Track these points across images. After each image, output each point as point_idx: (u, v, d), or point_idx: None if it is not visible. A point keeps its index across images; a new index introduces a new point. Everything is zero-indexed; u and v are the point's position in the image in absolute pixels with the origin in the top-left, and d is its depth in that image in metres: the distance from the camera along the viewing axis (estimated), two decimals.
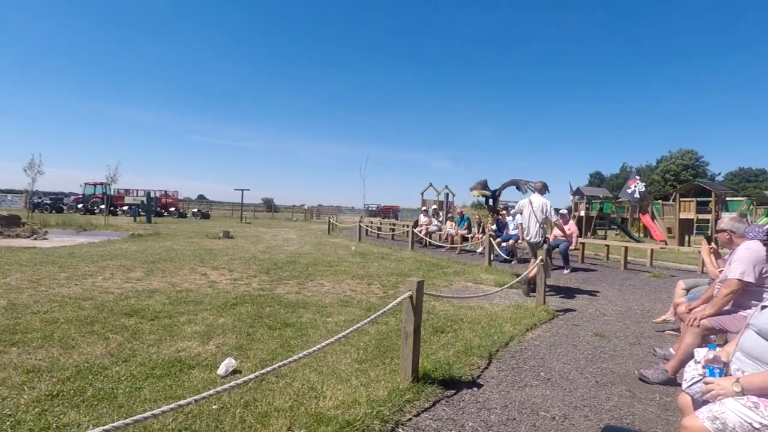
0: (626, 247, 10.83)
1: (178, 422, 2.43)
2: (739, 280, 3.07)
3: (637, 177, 19.43)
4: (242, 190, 30.39)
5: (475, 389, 3.10)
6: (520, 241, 10.60)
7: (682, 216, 19.14)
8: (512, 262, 10.35)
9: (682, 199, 19.49)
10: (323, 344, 2.53)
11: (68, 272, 6.80)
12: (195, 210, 32.97)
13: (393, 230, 17.57)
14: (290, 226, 26.20)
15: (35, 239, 12.20)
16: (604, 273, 9.48)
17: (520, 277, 6.12)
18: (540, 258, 5.81)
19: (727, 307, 3.26)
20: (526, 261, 8.81)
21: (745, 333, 1.99)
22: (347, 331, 2.73)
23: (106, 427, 1.58)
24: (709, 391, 1.84)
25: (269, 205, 49.12)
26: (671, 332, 4.82)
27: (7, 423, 2.36)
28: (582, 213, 22.02)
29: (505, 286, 5.77)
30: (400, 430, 2.50)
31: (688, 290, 4.63)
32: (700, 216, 18.59)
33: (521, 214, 7.11)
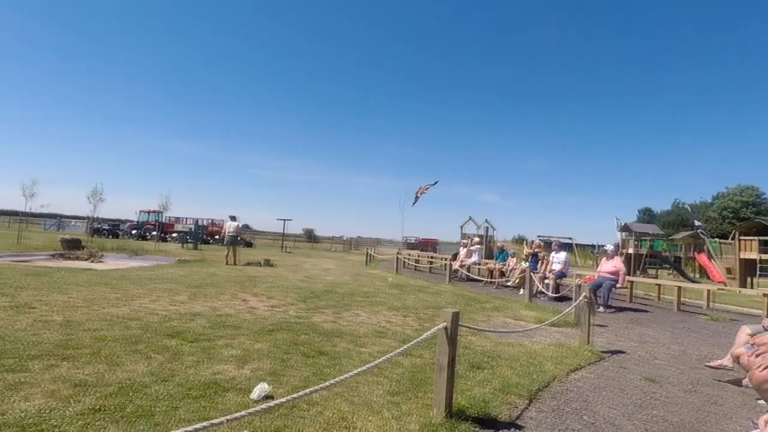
0: (680, 287, 10.16)
1: None
2: None
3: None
4: (284, 220, 31.38)
5: (513, 430, 2.95)
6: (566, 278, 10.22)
7: (744, 255, 17.81)
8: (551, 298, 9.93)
9: (743, 238, 18.20)
10: (355, 372, 2.51)
11: (119, 293, 7.17)
12: (239, 238, 34.16)
13: (431, 263, 17.39)
14: (329, 256, 26.54)
15: (92, 261, 13.02)
16: (656, 314, 8.90)
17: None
18: (584, 294, 5.56)
19: None
20: (569, 299, 8.43)
21: None
22: (380, 360, 2.70)
23: None
24: None
25: (310, 236, 50.14)
26: (729, 382, 4.42)
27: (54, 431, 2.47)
28: (630, 250, 20.98)
29: (546, 322, 5.53)
30: None
31: (753, 336, 4.26)
32: (764, 256, 17.23)
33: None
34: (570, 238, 27.62)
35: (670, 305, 9.90)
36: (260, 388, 3.20)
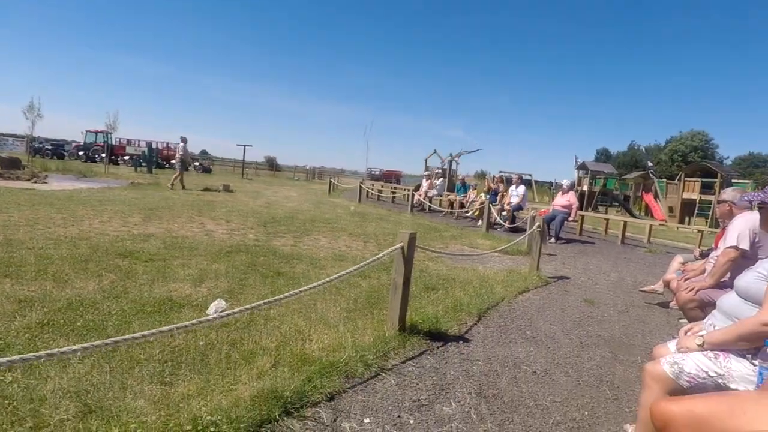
0: (625, 222, 10.80)
1: (164, 354, 2.47)
2: (735, 247, 3.05)
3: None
4: (244, 146, 30.19)
5: (460, 343, 3.14)
6: (522, 211, 10.61)
7: (686, 196, 19.02)
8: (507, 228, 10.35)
9: (687, 179, 19.31)
10: (312, 285, 2.54)
11: (66, 214, 6.81)
12: (197, 164, 32.80)
13: (394, 194, 17.50)
14: (291, 185, 26.14)
15: (35, 182, 12.19)
16: (601, 246, 9.50)
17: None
18: (537, 224, 5.79)
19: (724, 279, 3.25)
20: (523, 231, 8.80)
21: (727, 293, 1.99)
22: (336, 276, 2.73)
23: (92, 343, 1.59)
24: (680, 347, 1.90)
25: (272, 164, 48.74)
26: (658, 305, 4.85)
27: None
28: (585, 188, 21.88)
29: (500, 248, 5.78)
30: (383, 375, 2.54)
31: (684, 264, 4.62)
32: (703, 197, 18.46)
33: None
34: (530, 175, 28.38)
35: (614, 239, 10.56)
36: (216, 305, 3.21)
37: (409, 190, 14.82)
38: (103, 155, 23.41)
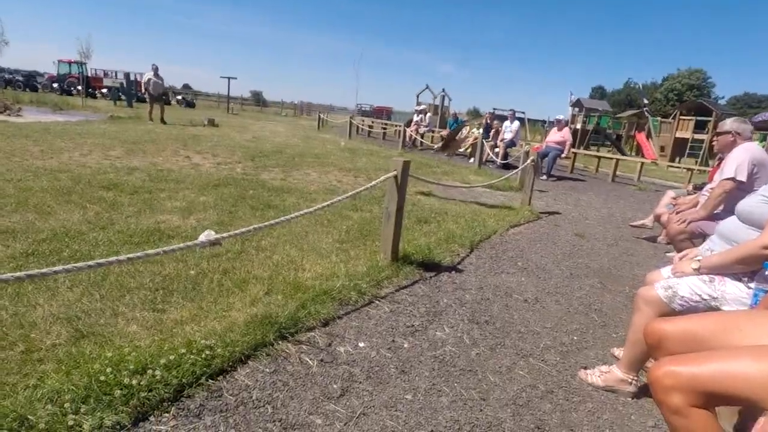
0: (617, 160, 10.77)
1: (155, 283, 2.43)
2: (732, 178, 3.02)
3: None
4: (229, 78, 28.72)
5: (453, 273, 3.16)
6: (515, 148, 10.47)
7: (679, 135, 18.90)
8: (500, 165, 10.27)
9: (681, 117, 19.08)
10: (304, 212, 2.47)
11: (43, 146, 6.52)
12: (179, 97, 31.44)
13: (384, 130, 17.11)
14: (279, 120, 25.37)
15: (8, 115, 11.60)
16: (592, 183, 9.52)
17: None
18: (531, 159, 5.71)
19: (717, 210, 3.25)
20: (515, 167, 8.73)
21: (727, 219, 1.97)
22: (329, 202, 2.66)
23: (77, 264, 1.52)
24: (675, 271, 1.90)
25: (258, 99, 47.02)
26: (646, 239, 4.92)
27: None
28: (578, 126, 21.57)
29: (492, 182, 5.73)
30: (377, 302, 2.55)
31: (676, 198, 4.63)
32: (696, 136, 18.37)
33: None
34: (523, 113, 27.80)
35: (605, 177, 10.57)
36: (206, 234, 3.13)
37: (400, 126, 14.47)
38: (80, 87, 22.23)
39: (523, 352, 2.22)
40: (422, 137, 13.68)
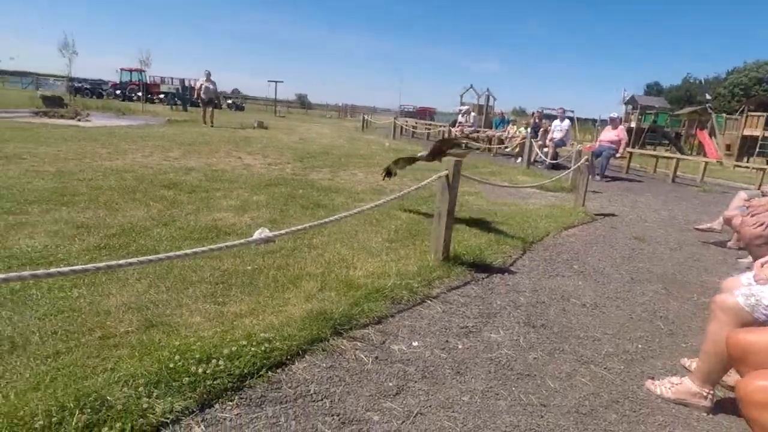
0: (678, 159, 10.14)
1: (215, 277, 2.53)
2: None
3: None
4: (276, 82, 29.79)
5: (505, 274, 3.08)
6: (565, 147, 10.10)
7: (747, 132, 17.53)
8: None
9: (751, 113, 17.69)
10: (356, 211, 2.48)
11: (110, 148, 6.98)
12: (230, 101, 32.82)
13: (429, 130, 17.02)
14: (323, 122, 25.86)
15: (79, 120, 12.52)
16: (650, 184, 9.02)
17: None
18: (585, 158, 5.48)
19: None
20: (565, 168, 8.42)
21: None
22: (383, 200, 2.67)
23: (150, 257, 1.61)
24: (758, 278, 1.76)
25: (303, 102, 48.21)
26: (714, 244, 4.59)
27: (62, 264, 2.52)
28: (633, 124, 20.50)
29: (542, 183, 5.55)
30: (429, 302, 2.53)
31: (749, 200, 4.29)
32: (767, 133, 16.96)
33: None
34: (572, 112, 26.82)
35: (665, 177, 9.98)
36: (260, 232, 3.24)
37: (444, 126, 14.35)
38: (139, 94, 23.67)
39: (583, 358, 2.12)
40: (467, 137, 13.48)
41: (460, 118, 14.83)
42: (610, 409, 1.77)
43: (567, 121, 10.55)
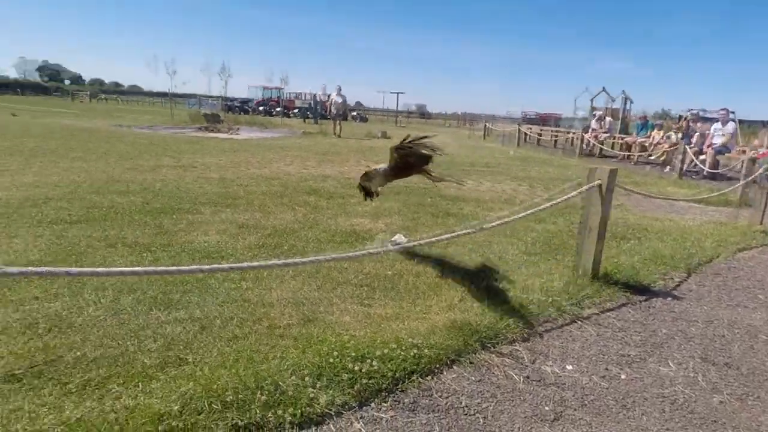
0: None
1: (359, 279, 2.65)
2: None
3: None
4: (397, 93, 30.86)
5: (668, 299, 2.70)
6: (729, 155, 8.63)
7: None
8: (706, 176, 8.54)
9: None
10: (502, 221, 2.40)
11: (258, 158, 7.89)
12: (354, 113, 34.89)
13: (556, 137, 15.97)
14: (443, 131, 25.96)
15: (231, 134, 14.44)
16: None
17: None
18: (765, 167, 4.58)
19: None
20: (729, 179, 7.15)
21: None
22: (526, 213, 2.54)
23: (291, 260, 1.74)
24: None
25: (422, 112, 49.10)
26: None
27: (231, 259, 2.89)
28: None
29: (702, 197, 4.78)
30: (579, 323, 2.32)
31: None
32: None
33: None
34: (733, 112, 22.86)
35: None
36: (397, 238, 3.33)
37: (573, 133, 13.33)
38: (278, 109, 26.45)
39: None
40: (602, 144, 12.33)
41: (593, 124, 13.64)
42: None
43: (731, 124, 9.02)
